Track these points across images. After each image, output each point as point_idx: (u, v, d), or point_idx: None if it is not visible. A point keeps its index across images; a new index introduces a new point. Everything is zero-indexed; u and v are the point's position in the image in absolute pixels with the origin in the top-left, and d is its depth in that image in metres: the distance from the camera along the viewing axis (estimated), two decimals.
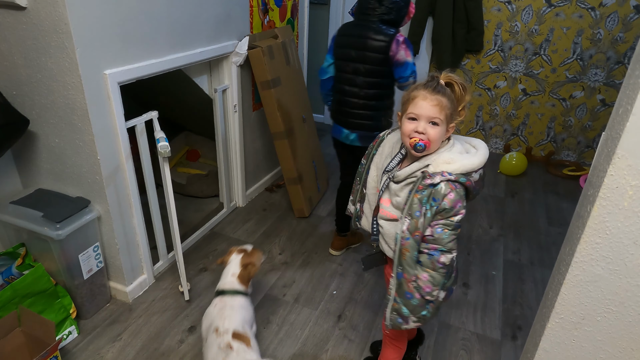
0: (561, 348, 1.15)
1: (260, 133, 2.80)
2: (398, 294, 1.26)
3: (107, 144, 1.68)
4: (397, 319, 1.28)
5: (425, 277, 1.20)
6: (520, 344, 1.82)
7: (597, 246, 1.00)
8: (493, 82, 3.56)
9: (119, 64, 1.64)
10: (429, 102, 1.14)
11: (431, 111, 1.14)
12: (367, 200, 1.42)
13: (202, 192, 2.82)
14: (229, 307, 1.54)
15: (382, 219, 1.31)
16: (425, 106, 1.14)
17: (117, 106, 1.66)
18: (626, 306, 1.03)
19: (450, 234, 1.17)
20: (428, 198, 1.14)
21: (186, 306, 1.95)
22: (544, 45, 3.31)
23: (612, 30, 3.09)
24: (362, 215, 1.46)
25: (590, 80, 3.28)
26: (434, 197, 1.13)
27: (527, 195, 3.09)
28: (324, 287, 2.11)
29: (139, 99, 2.63)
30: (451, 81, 1.18)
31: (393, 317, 1.29)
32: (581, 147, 3.49)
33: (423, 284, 1.21)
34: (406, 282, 1.22)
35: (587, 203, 1.03)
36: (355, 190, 1.46)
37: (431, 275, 1.20)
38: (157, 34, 1.79)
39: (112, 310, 1.91)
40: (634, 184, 0.92)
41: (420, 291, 1.22)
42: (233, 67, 2.35)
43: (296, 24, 2.99)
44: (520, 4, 3.25)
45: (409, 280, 1.22)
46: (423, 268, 1.20)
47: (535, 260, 2.37)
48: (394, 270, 1.24)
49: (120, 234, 1.84)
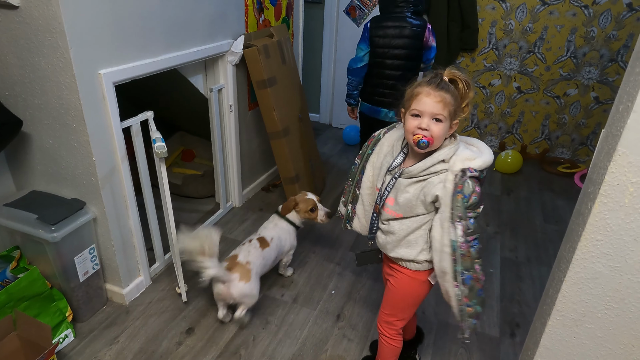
0: (562, 345, 1.16)
1: (256, 132, 2.78)
2: (469, 298, 1.23)
3: (103, 144, 1.66)
4: (472, 322, 1.26)
5: (478, 268, 1.21)
6: (519, 342, 1.82)
7: (598, 243, 1.00)
8: (488, 80, 3.58)
9: (113, 63, 1.62)
10: (433, 99, 1.14)
11: (435, 108, 1.14)
12: (362, 201, 1.41)
13: (198, 193, 2.80)
14: (274, 223, 2.01)
15: (387, 219, 1.30)
16: (429, 102, 1.14)
17: (112, 106, 1.64)
18: (627, 303, 1.04)
19: (476, 223, 1.19)
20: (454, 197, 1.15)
21: (184, 307, 1.94)
22: (538, 43, 3.32)
23: (606, 28, 3.11)
24: (353, 217, 1.45)
25: (584, 78, 3.30)
26: (465, 194, 1.15)
27: (522, 192, 3.10)
28: (322, 287, 2.11)
29: (133, 99, 2.61)
30: (455, 77, 1.18)
31: (469, 323, 1.26)
32: (575, 144, 3.52)
33: (481, 275, 1.22)
34: (476, 282, 1.21)
35: (587, 200, 1.03)
36: (348, 192, 1.46)
37: (480, 263, 1.21)
38: (152, 33, 1.77)
39: (109, 313, 1.89)
40: (635, 181, 0.92)
41: (482, 283, 1.23)
42: (228, 67, 2.33)
43: (291, 22, 2.98)
44: (515, 2, 3.26)
45: (477, 279, 1.21)
46: (476, 261, 1.21)
47: (532, 257, 2.38)
48: (458, 279, 1.21)
49: (117, 236, 1.82)
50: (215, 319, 1.88)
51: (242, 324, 1.85)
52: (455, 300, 1.24)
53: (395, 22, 2.22)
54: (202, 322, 1.86)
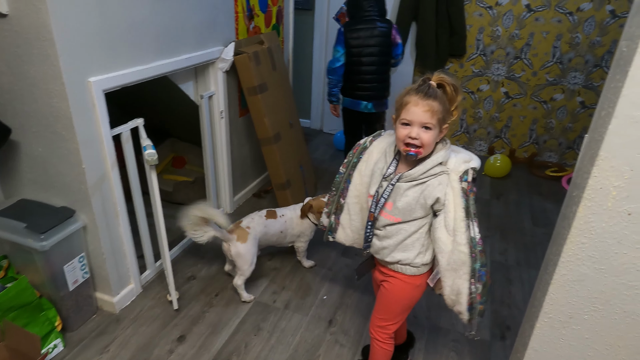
0: (550, 347, 1.17)
1: (247, 139, 2.79)
2: (482, 294, 1.23)
3: (92, 152, 1.65)
4: (479, 319, 1.28)
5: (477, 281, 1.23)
6: (509, 344, 1.84)
7: (583, 246, 1.03)
8: (476, 85, 3.62)
9: (103, 71, 1.62)
10: (421, 108, 1.16)
11: (423, 117, 1.16)
12: (347, 210, 1.41)
13: (189, 199, 2.77)
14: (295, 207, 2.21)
15: (384, 224, 1.29)
16: (417, 112, 1.16)
17: (102, 114, 1.64)
18: (612, 304, 1.06)
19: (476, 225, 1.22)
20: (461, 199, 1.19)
21: (175, 315, 1.93)
22: (525, 49, 3.38)
23: (590, 34, 3.18)
24: (337, 228, 1.44)
25: (570, 83, 3.36)
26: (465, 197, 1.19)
27: (511, 196, 3.14)
28: (314, 293, 2.11)
29: (124, 105, 2.60)
30: (443, 82, 1.20)
31: (478, 320, 1.27)
32: (562, 148, 3.57)
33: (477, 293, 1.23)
34: (488, 278, 1.23)
35: (572, 204, 1.05)
36: (331, 202, 1.45)
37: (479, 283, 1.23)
38: (143, 41, 1.77)
39: (99, 322, 1.87)
40: (617, 185, 0.94)
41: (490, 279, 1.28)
42: (219, 73, 2.34)
43: (282, 29, 2.99)
44: (501, 9, 3.32)
45: (489, 275, 1.24)
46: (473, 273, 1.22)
47: (521, 260, 2.41)
48: (475, 276, 1.21)
49: (107, 244, 1.81)
50: (208, 326, 1.87)
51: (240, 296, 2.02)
52: (467, 298, 1.24)
53: (367, 24, 2.52)
54: (194, 330, 1.85)
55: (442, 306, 2.04)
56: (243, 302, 2.02)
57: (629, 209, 0.95)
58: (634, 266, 1.00)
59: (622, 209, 0.96)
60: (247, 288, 2.05)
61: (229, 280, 2.15)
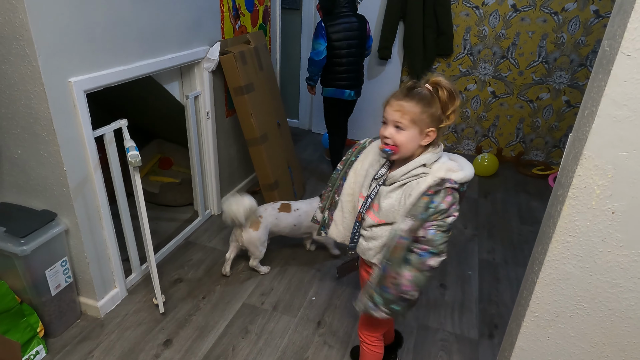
0: (537, 345, 1.18)
1: (234, 139, 2.76)
2: (378, 282, 1.23)
3: (74, 154, 1.61)
4: (368, 304, 1.26)
5: (408, 276, 1.18)
6: (497, 342, 1.85)
7: (568, 245, 1.03)
8: (464, 85, 3.64)
9: (85, 71, 1.59)
10: (392, 108, 1.17)
11: (393, 116, 1.16)
12: (341, 207, 1.41)
13: (175, 201, 2.76)
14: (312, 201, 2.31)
15: (370, 225, 1.29)
16: (389, 111, 1.18)
17: (83, 115, 1.60)
18: (597, 302, 1.06)
19: (442, 236, 1.16)
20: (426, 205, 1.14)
21: (161, 319, 1.90)
22: (511, 48, 3.40)
23: (575, 34, 3.21)
24: (330, 224, 1.44)
25: (556, 83, 3.40)
26: (432, 200, 1.13)
27: (499, 195, 3.16)
28: (302, 294, 2.09)
29: (108, 106, 2.56)
30: (437, 85, 1.17)
31: (366, 302, 1.27)
32: (549, 147, 3.61)
33: (405, 282, 1.18)
34: (388, 277, 1.20)
35: (557, 203, 1.05)
36: (326, 197, 1.45)
37: (415, 275, 1.17)
38: (125, 40, 1.74)
39: (83, 327, 1.83)
40: (601, 184, 0.94)
41: (398, 288, 1.19)
42: (205, 73, 2.31)
43: (268, 29, 2.97)
44: (488, 9, 3.34)
45: (390, 276, 1.19)
46: (409, 267, 1.17)
47: (509, 259, 2.43)
48: (382, 262, 1.22)
49: (90, 247, 1.78)
50: (195, 330, 1.85)
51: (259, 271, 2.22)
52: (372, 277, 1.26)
53: (345, 19, 2.69)
54: (180, 334, 1.83)
55: (430, 306, 2.04)
56: (263, 274, 2.22)
57: (612, 207, 0.95)
58: (618, 264, 1.00)
59: (606, 208, 0.96)
60: (233, 291, 2.02)
61: (217, 282, 2.13)
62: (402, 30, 3.55)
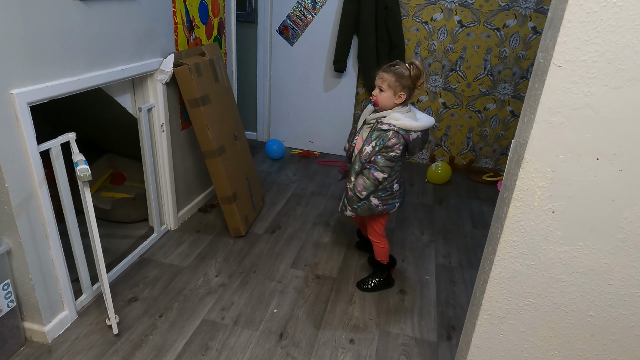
0: (491, 343, 1.23)
1: (190, 152, 2.71)
2: (346, 191, 2.04)
3: (17, 169, 1.53)
4: (341, 206, 2.10)
5: (360, 181, 1.94)
6: (455, 343, 1.91)
7: (515, 244, 1.09)
8: (416, 96, 3.78)
9: (28, 82, 1.51)
10: (378, 77, 1.86)
11: (378, 82, 1.86)
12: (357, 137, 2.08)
13: (129, 217, 2.66)
14: None
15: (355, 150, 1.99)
16: (377, 79, 1.87)
17: (27, 128, 1.52)
18: (543, 297, 1.13)
19: (384, 161, 1.87)
20: (378, 137, 1.85)
21: (115, 341, 1.81)
22: (459, 62, 3.58)
23: (516, 48, 3.43)
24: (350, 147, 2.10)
25: (501, 94, 3.60)
26: (383, 138, 1.84)
27: (452, 201, 3.28)
28: (264, 307, 2.07)
29: (55, 120, 2.44)
30: (413, 64, 1.82)
31: (340, 205, 2.12)
32: (497, 154, 3.80)
33: (358, 185, 1.95)
34: (347, 183, 2.01)
35: (503, 205, 1.11)
36: (351, 132, 2.12)
37: (364, 180, 1.93)
38: (73, 51, 1.68)
39: (28, 355, 1.71)
40: (542, 185, 1.01)
41: (354, 190, 1.96)
42: (158, 85, 2.26)
43: (224, 41, 2.96)
44: (436, 24, 3.50)
45: (348, 182, 2.01)
46: (362, 176, 1.93)
47: (463, 262, 2.52)
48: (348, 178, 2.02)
49: (36, 268, 1.67)
50: (151, 350, 1.78)
51: None
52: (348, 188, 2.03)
53: None
54: (136, 355, 1.75)
55: (390, 312, 2.08)
56: None
57: (552, 207, 1.02)
58: (560, 260, 1.07)
59: (547, 208, 1.03)
60: (193, 307, 1.96)
61: (174, 299, 2.06)
62: (355, 45, 3.65)
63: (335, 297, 2.16)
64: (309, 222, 2.85)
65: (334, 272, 2.35)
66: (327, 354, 1.82)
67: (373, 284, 2.21)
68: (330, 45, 3.69)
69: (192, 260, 2.37)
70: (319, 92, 3.90)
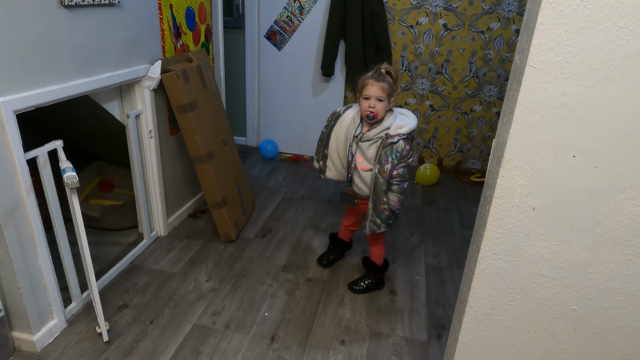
0: (477, 339, 1.25)
1: (179, 158, 2.71)
2: (373, 212, 1.94)
3: (3, 178, 1.52)
4: (373, 227, 1.98)
5: (394, 199, 1.90)
6: (445, 342, 1.92)
7: (498, 241, 1.12)
8: (404, 99, 3.82)
9: (14, 90, 1.51)
10: (376, 87, 1.80)
11: (377, 93, 1.80)
12: (330, 157, 2.04)
13: (118, 224, 2.65)
14: None
15: (360, 171, 1.93)
16: (373, 90, 1.81)
17: (13, 136, 1.52)
18: (526, 293, 1.15)
19: (405, 170, 1.89)
20: (392, 151, 1.83)
21: (105, 348, 1.80)
22: (445, 65, 3.63)
23: (500, 51, 3.49)
24: (325, 169, 2.08)
25: (486, 95, 3.66)
26: (397, 150, 1.83)
27: (441, 202, 3.32)
28: (255, 311, 2.07)
29: (42, 127, 2.44)
30: (389, 70, 1.85)
31: (371, 226, 1.98)
32: (484, 155, 3.85)
33: (394, 204, 1.91)
34: (378, 205, 1.92)
35: (486, 203, 1.14)
36: (318, 152, 2.09)
37: (398, 196, 1.91)
38: (59, 59, 1.68)
39: None
40: (522, 183, 1.04)
41: (391, 208, 1.91)
42: (146, 92, 2.27)
43: (211, 47, 2.98)
44: (422, 28, 3.55)
45: (380, 204, 1.91)
46: (393, 194, 1.90)
47: (452, 262, 2.55)
48: (370, 198, 1.94)
49: (24, 278, 1.66)
50: (142, 356, 1.77)
51: None
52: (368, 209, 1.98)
53: None
54: None
55: (381, 312, 2.10)
56: None
57: (533, 204, 1.05)
58: (541, 256, 1.10)
59: (527, 205, 1.05)
60: (184, 313, 1.96)
61: (165, 305, 2.06)
62: (343, 48, 3.68)
63: (326, 299, 2.17)
64: (299, 226, 2.86)
65: (324, 275, 2.37)
66: (318, 355, 1.83)
67: (365, 286, 2.23)
68: (317, 49, 3.72)
69: (182, 266, 2.37)
70: (307, 96, 3.92)
